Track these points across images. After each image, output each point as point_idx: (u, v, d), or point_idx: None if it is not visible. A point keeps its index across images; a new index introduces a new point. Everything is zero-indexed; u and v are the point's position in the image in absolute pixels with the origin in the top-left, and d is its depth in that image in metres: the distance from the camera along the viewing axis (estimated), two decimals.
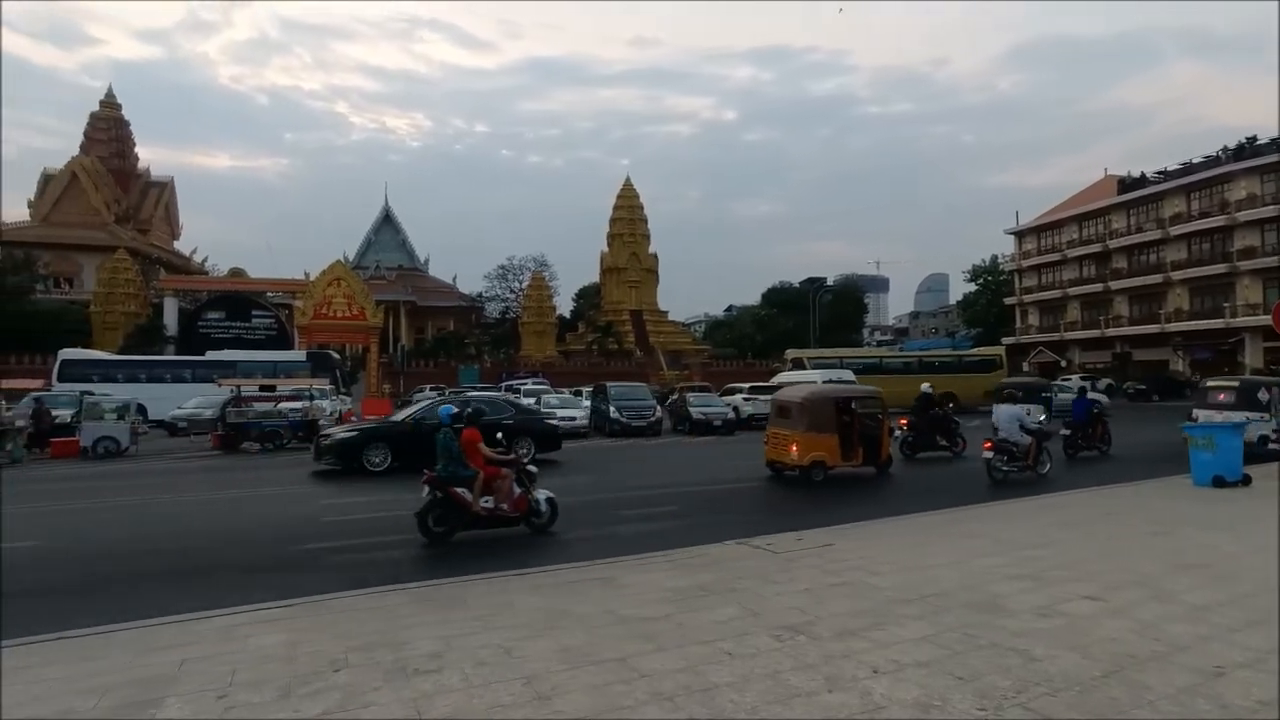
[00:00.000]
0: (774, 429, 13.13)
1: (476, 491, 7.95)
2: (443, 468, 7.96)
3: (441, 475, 7.93)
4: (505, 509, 8.16)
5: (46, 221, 53.21)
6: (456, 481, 7.92)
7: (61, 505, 11.23)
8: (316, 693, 3.83)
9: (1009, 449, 11.94)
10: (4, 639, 4.85)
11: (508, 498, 8.17)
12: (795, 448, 12.11)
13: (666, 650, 4.34)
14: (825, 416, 12.31)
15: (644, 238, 60.40)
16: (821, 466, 12.02)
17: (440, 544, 7.93)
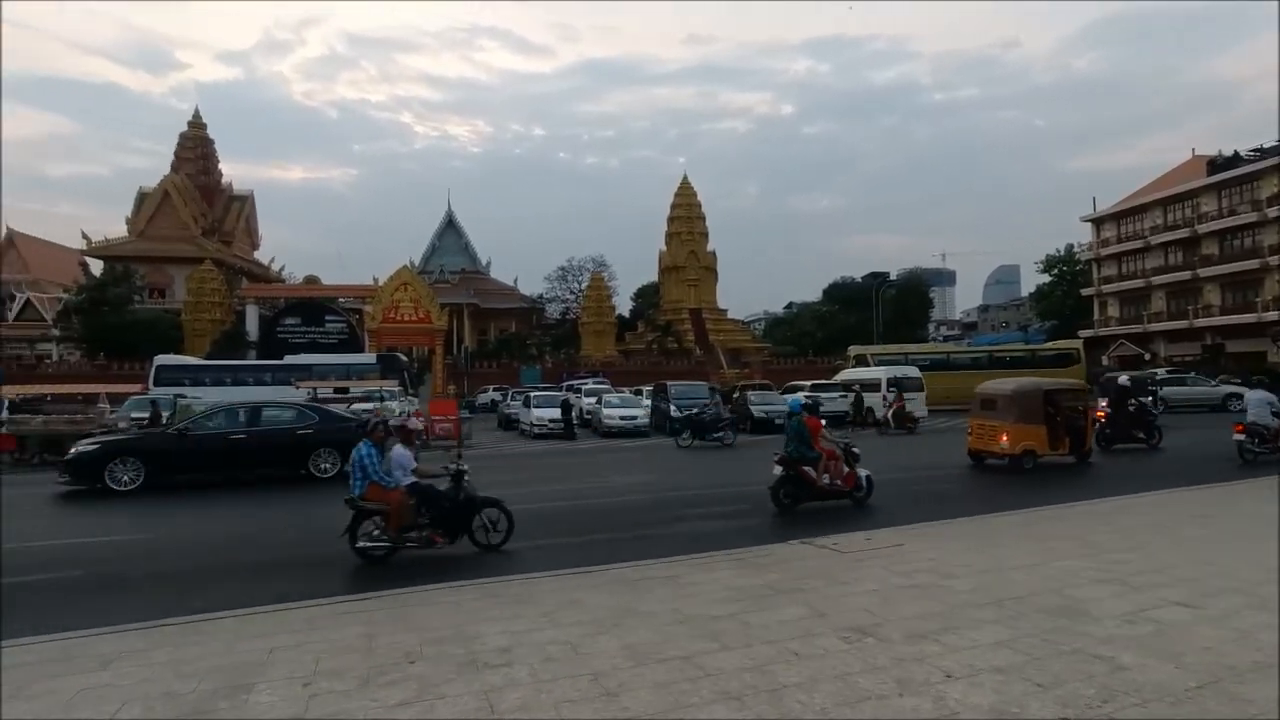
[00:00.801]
0: (978, 420, 14.01)
1: (820, 469, 9.49)
2: (794, 449, 9.52)
3: (792, 455, 9.50)
4: (839, 484, 9.70)
5: (142, 237, 56.79)
6: (805, 461, 9.48)
7: (165, 502, 11.98)
8: (393, 683, 3.98)
9: (1259, 431, 12.84)
10: (116, 624, 5.22)
11: (840, 474, 9.69)
12: (1006, 437, 12.95)
13: (732, 649, 4.33)
14: (1034, 408, 13.15)
15: (702, 236, 60.10)
16: (1031, 455, 12.87)
17: (788, 514, 9.42)
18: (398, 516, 7.18)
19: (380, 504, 7.19)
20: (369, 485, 7.20)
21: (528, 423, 24.34)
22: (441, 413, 22.37)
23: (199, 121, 62.41)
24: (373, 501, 7.20)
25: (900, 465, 14.12)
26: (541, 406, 24.36)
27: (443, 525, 7.45)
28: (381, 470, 7.29)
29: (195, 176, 60.49)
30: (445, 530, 7.46)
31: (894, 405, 23.50)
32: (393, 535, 7.22)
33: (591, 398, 27.41)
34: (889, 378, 26.14)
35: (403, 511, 7.20)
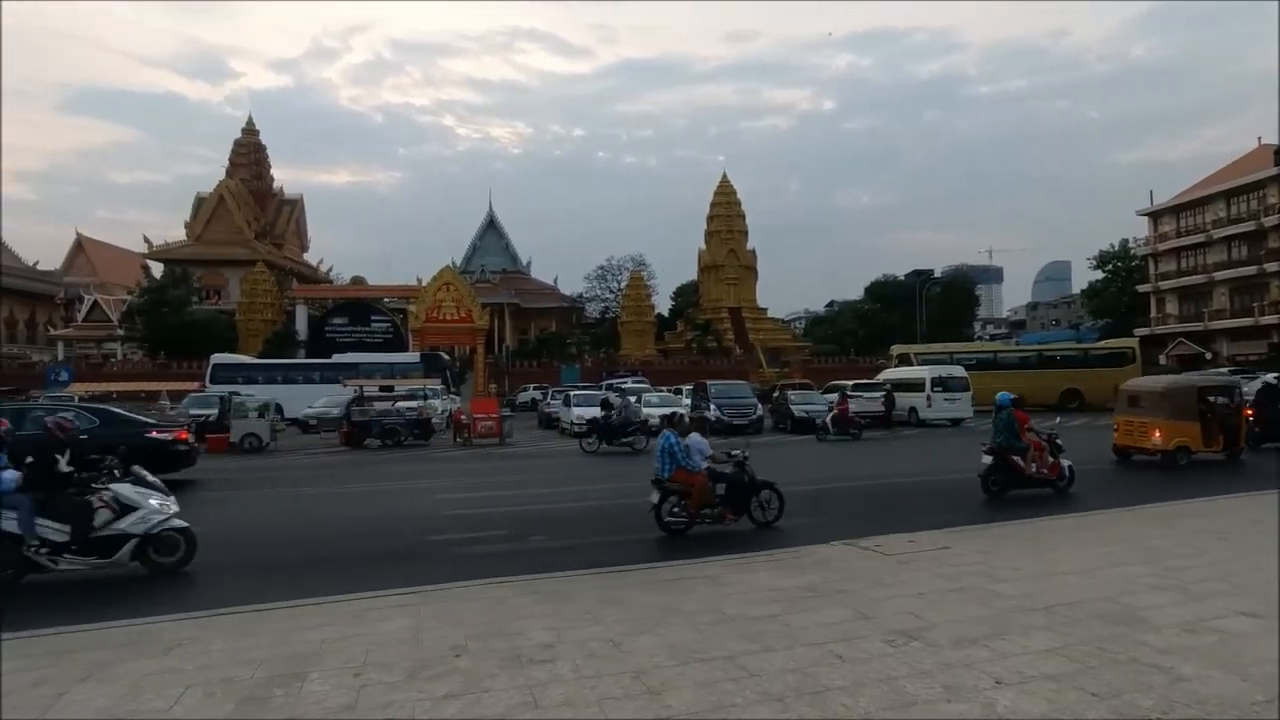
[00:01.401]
0: (1126, 416, 14.07)
1: (1028, 459, 10.16)
2: (1003, 440, 10.23)
3: (1002, 445, 10.19)
4: (1045, 473, 10.30)
5: (199, 240, 58.96)
6: (1014, 451, 10.19)
7: (219, 495, 12.45)
8: (439, 675, 4.07)
9: None
10: (173, 611, 5.45)
11: (1045, 464, 10.29)
12: (1159, 434, 13.01)
13: (775, 650, 4.31)
14: (1188, 404, 13.15)
15: (742, 234, 59.71)
16: (1185, 451, 12.89)
17: (997, 500, 10.02)
18: (699, 496, 8.16)
19: (684, 485, 8.19)
20: (676, 469, 8.21)
21: (568, 421, 24.52)
22: (483, 411, 22.69)
23: (252, 128, 64.48)
24: (678, 483, 8.20)
25: (803, 478, 13.03)
26: (581, 405, 24.50)
27: (732, 504, 8.38)
28: (683, 456, 8.26)
29: (249, 181, 62.54)
30: (734, 508, 8.39)
31: (837, 408, 21.08)
32: (692, 512, 8.20)
33: (631, 396, 27.46)
34: (933, 377, 25.61)
35: (704, 492, 8.19)
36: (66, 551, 6.57)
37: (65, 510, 6.60)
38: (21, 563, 6.44)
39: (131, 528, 6.69)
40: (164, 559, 6.90)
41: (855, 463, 15.89)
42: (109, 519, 6.65)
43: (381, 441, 20.91)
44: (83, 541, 6.59)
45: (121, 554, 6.69)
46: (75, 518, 6.58)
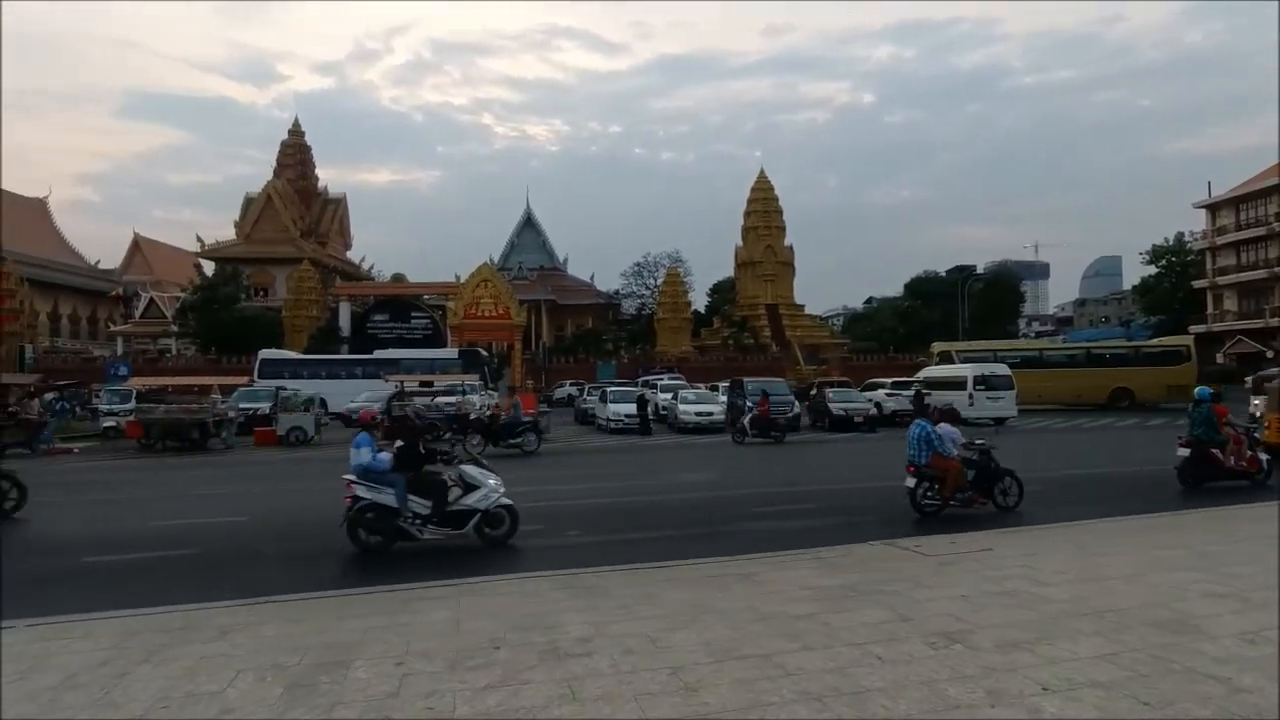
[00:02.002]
0: None
1: (1227, 453, 10.35)
2: (1202, 433, 10.39)
3: (1200, 439, 10.35)
4: (1245, 465, 10.46)
5: (248, 240, 60.80)
6: (1213, 444, 10.37)
7: (266, 487, 12.84)
8: (480, 667, 4.13)
9: None
10: (219, 599, 5.64)
11: (1244, 457, 10.48)
12: None
13: (813, 650, 4.28)
14: None
15: (779, 230, 59.15)
16: None
17: (1193, 490, 10.19)
18: (954, 481, 8.80)
19: (940, 470, 8.83)
20: (933, 455, 8.86)
21: (604, 418, 24.65)
22: (522, 406, 22.91)
23: (298, 130, 66.16)
24: (934, 469, 8.87)
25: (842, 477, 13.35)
26: (618, 402, 24.61)
27: (980, 489, 9.01)
28: (939, 443, 8.90)
29: (294, 181, 64.19)
30: (982, 493, 9.00)
31: (758, 408, 19.99)
32: (946, 495, 8.82)
33: (667, 393, 27.49)
34: (975, 375, 25.05)
35: (958, 477, 8.84)
36: (429, 523, 7.47)
37: (425, 487, 7.52)
38: (395, 531, 7.40)
39: (477, 503, 7.56)
40: (494, 532, 7.69)
41: (896, 460, 15.65)
42: (459, 495, 7.56)
43: None
44: (441, 515, 7.48)
45: (469, 527, 7.57)
46: (434, 494, 7.50)
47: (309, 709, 3.61)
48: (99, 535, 8.86)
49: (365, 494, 7.34)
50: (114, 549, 7.99)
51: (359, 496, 7.36)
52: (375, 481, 7.37)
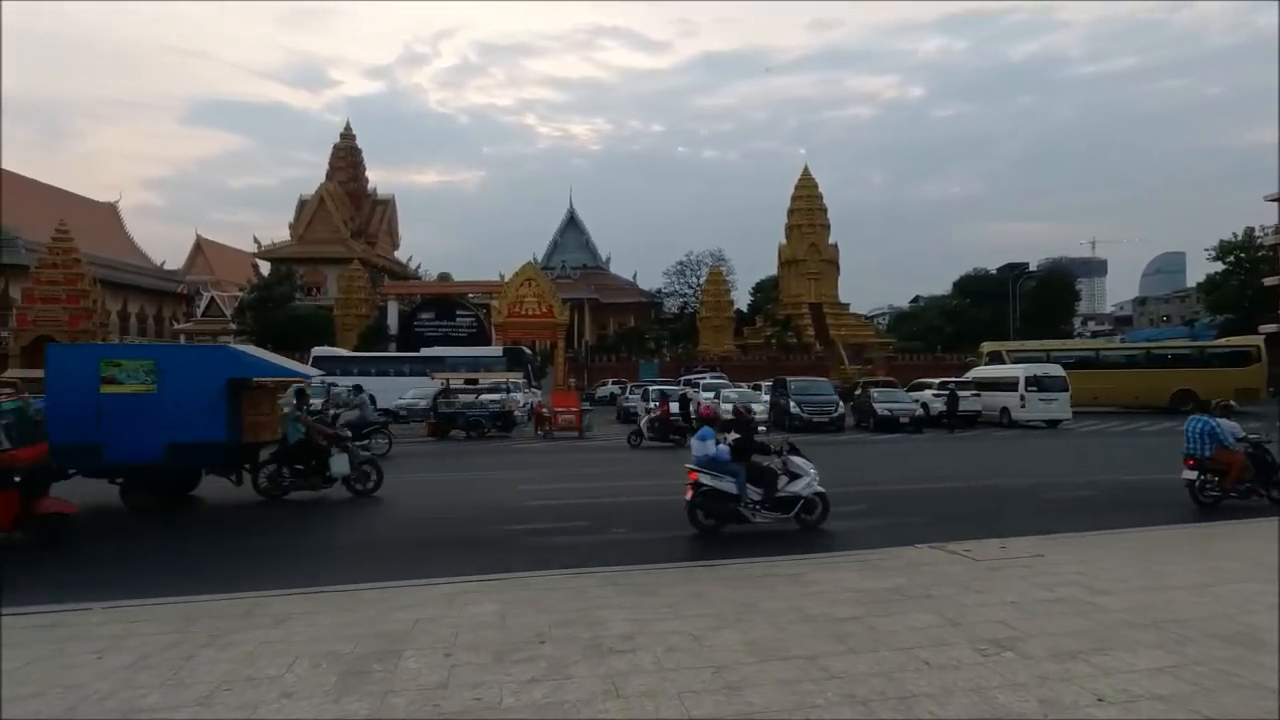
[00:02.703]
0: None
1: (1229, 480, 9.74)
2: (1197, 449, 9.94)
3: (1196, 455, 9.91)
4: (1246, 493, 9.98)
5: (301, 240, 62.72)
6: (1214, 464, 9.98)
7: None
8: (525, 660, 4.21)
9: None
10: (283, 587, 5.85)
11: (1246, 485, 9.93)
12: None
13: (859, 653, 4.24)
14: None
15: (823, 228, 58.34)
16: None
17: None
18: (1237, 473, 9.17)
19: (1223, 463, 9.18)
20: (1218, 449, 9.21)
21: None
22: (564, 405, 23.14)
23: (349, 133, 67.91)
24: (1218, 462, 9.20)
25: (888, 478, 13.08)
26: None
27: (1260, 482, 9.29)
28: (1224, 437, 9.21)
29: (346, 184, 65.92)
30: (1262, 485, 9.28)
31: (658, 409, 19.35)
32: (1227, 487, 9.21)
33: (709, 392, 27.40)
34: (1027, 376, 24.32)
35: (1242, 470, 9.18)
36: (762, 508, 8.15)
37: (758, 476, 8.24)
38: (731, 515, 8.10)
39: (801, 490, 8.19)
40: (808, 517, 8.27)
41: (943, 462, 15.33)
42: (785, 483, 8.22)
43: (466, 433, 21.66)
44: (771, 500, 8.16)
45: (794, 513, 8.19)
46: (766, 481, 8.22)
47: (362, 696, 3.74)
48: (173, 525, 9.25)
49: (708, 481, 8.08)
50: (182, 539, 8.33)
51: (701, 483, 8.09)
52: (717, 470, 8.10)
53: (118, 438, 9.37)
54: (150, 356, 9.95)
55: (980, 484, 12.08)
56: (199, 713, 3.56)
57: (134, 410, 9.45)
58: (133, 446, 9.43)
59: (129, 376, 9.57)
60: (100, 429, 9.34)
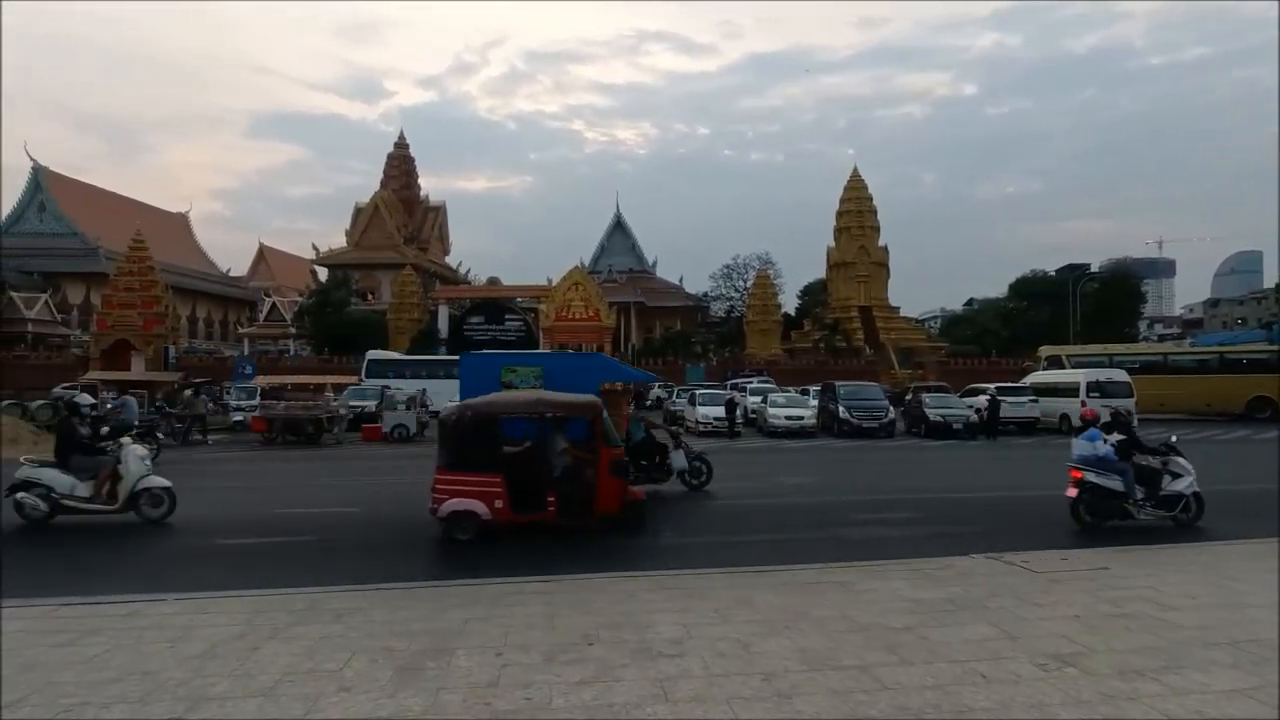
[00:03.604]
0: None
1: None
2: None
3: None
4: None
5: (357, 247, 64.72)
6: None
7: (374, 480, 13.64)
8: (574, 661, 4.25)
9: None
10: (335, 584, 6.04)
11: None
12: None
13: (912, 664, 4.15)
14: None
15: (873, 230, 57.28)
16: None
17: None
18: None
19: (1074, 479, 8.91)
20: None
21: (692, 420, 24.64)
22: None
23: (402, 142, 69.79)
24: None
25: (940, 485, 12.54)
26: (706, 404, 24.55)
27: None
28: None
29: (399, 191, 67.75)
30: None
31: None
32: None
33: (756, 396, 27.17)
34: (1088, 381, 23.41)
35: None
36: (1147, 506, 8.49)
37: (1141, 474, 8.55)
38: (1118, 512, 8.44)
39: (1183, 489, 8.46)
40: (1185, 516, 8.49)
41: (997, 470, 14.87)
42: (1168, 482, 8.50)
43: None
44: (1156, 499, 8.48)
45: (1176, 511, 8.48)
46: (1150, 480, 8.55)
47: (416, 692, 3.83)
48: (230, 520, 9.66)
49: (1094, 479, 8.39)
50: (243, 533, 8.70)
51: (1087, 481, 8.39)
52: (1104, 469, 8.42)
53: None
54: (539, 364, 11.14)
55: (1036, 493, 11.66)
56: (264, 704, 3.71)
57: None
58: None
59: (522, 381, 10.64)
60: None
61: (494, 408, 8.60)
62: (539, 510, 8.14)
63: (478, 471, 8.04)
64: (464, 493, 7.96)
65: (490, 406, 8.57)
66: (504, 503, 7.96)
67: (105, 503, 8.93)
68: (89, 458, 9.11)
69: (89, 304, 52.61)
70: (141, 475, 9.05)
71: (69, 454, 9.08)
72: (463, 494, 7.96)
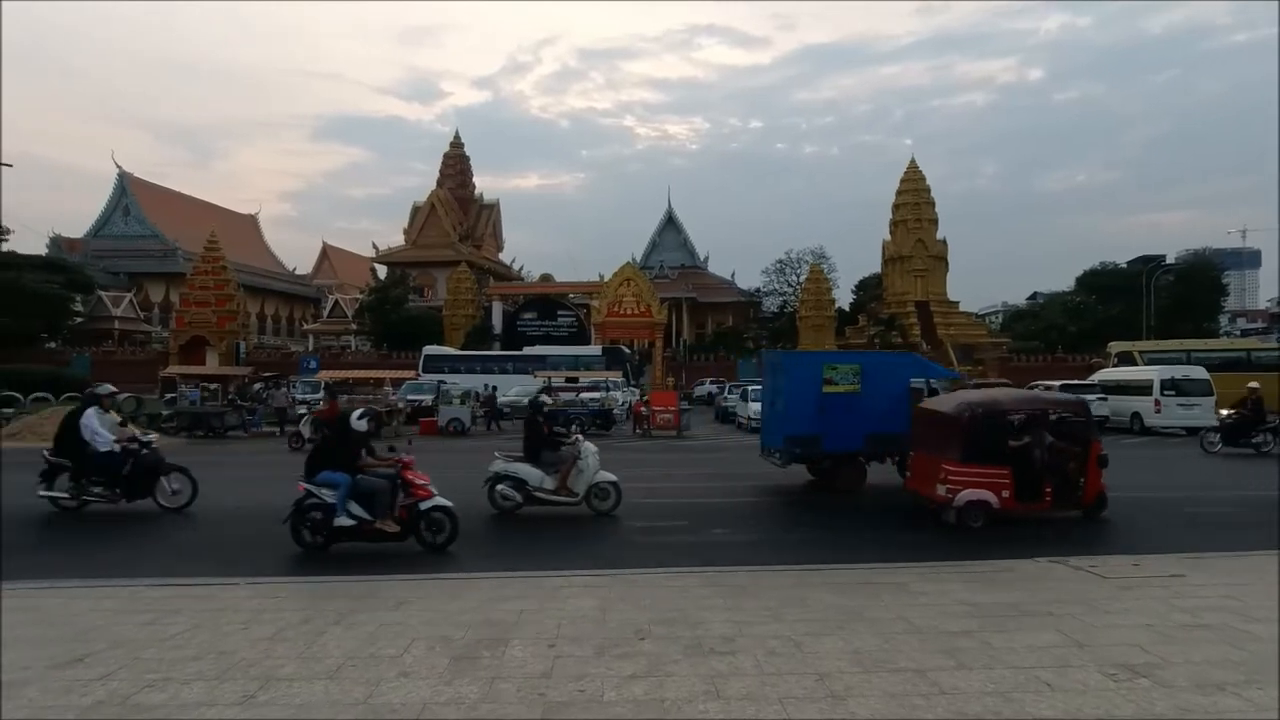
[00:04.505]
0: None
1: None
2: None
3: None
4: None
5: (414, 245, 66.40)
6: None
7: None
8: (625, 655, 4.29)
9: None
10: (397, 573, 6.22)
11: None
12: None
13: (971, 669, 4.04)
14: None
15: (930, 222, 55.69)
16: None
17: None
18: None
19: None
20: None
21: (745, 416, 24.46)
22: (662, 404, 23.29)
23: (458, 142, 71.20)
24: None
25: None
26: (758, 400, 24.31)
27: None
28: None
29: (454, 190, 69.16)
30: None
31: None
32: None
33: None
34: (1163, 379, 22.26)
35: None
36: None
37: None
38: None
39: None
40: None
41: None
42: None
43: (567, 430, 22.21)
44: None
45: None
46: None
47: (472, 680, 3.92)
48: None
49: None
50: None
51: None
52: None
53: (833, 429, 10.89)
54: (857, 362, 11.49)
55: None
56: (329, 686, 3.86)
57: (845, 407, 10.88)
58: (843, 437, 10.96)
59: (842, 378, 11.05)
60: (821, 422, 10.88)
61: (1001, 405, 9.13)
62: (1037, 501, 8.59)
63: (988, 464, 8.50)
64: (976, 484, 8.39)
65: (997, 404, 9.13)
66: (1010, 493, 8.42)
67: (566, 495, 9.24)
68: (554, 452, 9.57)
69: (168, 302, 55.54)
70: (596, 470, 9.35)
71: (537, 449, 9.53)
72: (975, 484, 8.38)
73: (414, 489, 7.24)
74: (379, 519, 7.04)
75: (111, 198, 63.73)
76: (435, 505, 7.28)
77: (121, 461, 9.19)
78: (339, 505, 6.95)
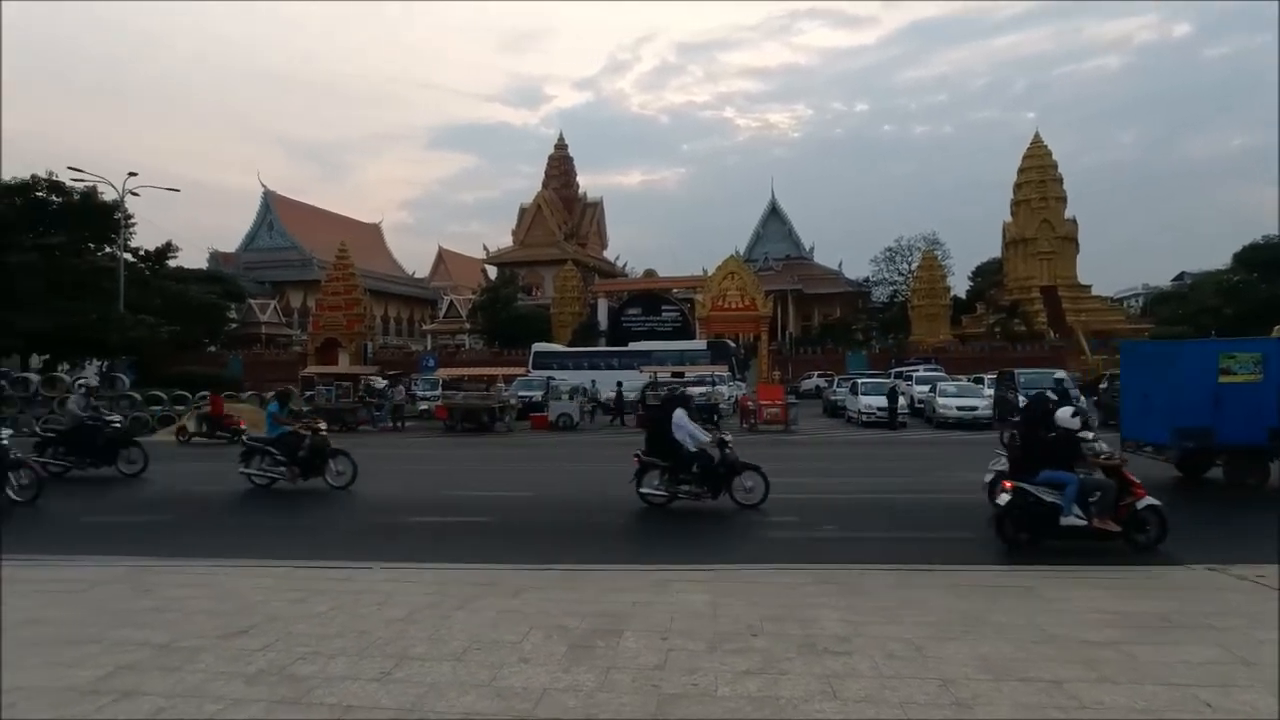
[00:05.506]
0: None
1: None
2: None
3: None
4: None
5: (522, 245, 68.93)
6: None
7: (545, 466, 14.49)
8: (738, 651, 4.27)
9: None
10: (513, 562, 6.49)
11: None
12: None
13: (1116, 684, 3.74)
14: None
15: (1058, 201, 51.65)
16: None
17: None
18: None
19: None
20: None
21: (854, 410, 23.74)
22: (769, 398, 22.98)
23: (562, 143, 73.13)
24: None
25: None
26: (868, 394, 23.54)
27: None
28: None
29: (559, 190, 71.10)
30: None
31: None
32: None
33: (924, 385, 25.60)
34: None
35: None
36: None
37: None
38: None
39: None
40: None
41: None
42: None
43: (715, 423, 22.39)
44: None
45: None
46: None
47: (589, 668, 4.04)
48: (418, 499, 10.71)
49: None
50: (429, 511, 9.61)
51: None
52: None
53: (1229, 422, 10.40)
54: (1259, 350, 10.76)
55: (1263, 496, 10.01)
56: (456, 667, 4.09)
57: (1244, 398, 10.34)
58: (1242, 430, 10.38)
59: (1241, 368, 10.54)
60: (1215, 414, 10.42)
61: None
62: None
63: None
64: None
65: None
66: None
67: None
68: None
69: (306, 307, 60.47)
70: None
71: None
72: None
73: (1134, 488, 7.15)
74: (1097, 517, 6.97)
75: (259, 214, 70.43)
76: (1147, 504, 7.08)
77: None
78: (1066, 505, 6.95)
